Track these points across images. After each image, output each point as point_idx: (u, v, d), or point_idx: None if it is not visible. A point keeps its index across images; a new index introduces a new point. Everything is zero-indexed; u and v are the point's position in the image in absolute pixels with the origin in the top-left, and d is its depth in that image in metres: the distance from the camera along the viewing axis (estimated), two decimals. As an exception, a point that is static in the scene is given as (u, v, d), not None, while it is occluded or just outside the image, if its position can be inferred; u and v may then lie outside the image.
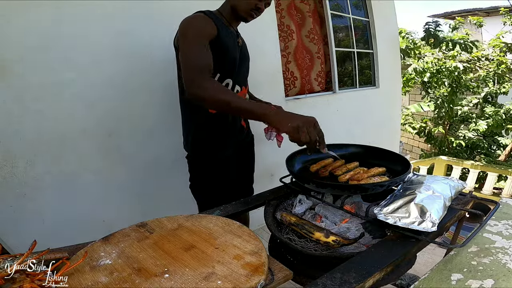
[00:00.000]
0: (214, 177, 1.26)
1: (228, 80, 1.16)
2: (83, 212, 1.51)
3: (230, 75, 1.16)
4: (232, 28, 1.19)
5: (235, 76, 1.18)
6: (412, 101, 7.56)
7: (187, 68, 0.97)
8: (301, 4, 2.63)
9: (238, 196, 1.20)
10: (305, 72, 2.68)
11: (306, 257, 0.85)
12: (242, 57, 1.22)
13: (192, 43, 0.99)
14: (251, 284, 0.58)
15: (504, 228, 0.82)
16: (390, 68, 3.45)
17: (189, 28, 1.02)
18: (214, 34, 1.04)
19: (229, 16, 1.16)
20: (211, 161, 1.25)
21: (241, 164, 1.40)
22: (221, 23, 1.10)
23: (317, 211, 1.04)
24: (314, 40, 2.71)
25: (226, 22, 1.15)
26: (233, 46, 1.15)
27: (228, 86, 1.16)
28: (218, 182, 1.26)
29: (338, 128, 2.87)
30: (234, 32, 1.19)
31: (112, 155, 1.58)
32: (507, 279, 0.63)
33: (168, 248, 0.71)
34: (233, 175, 1.33)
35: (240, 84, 1.23)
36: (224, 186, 1.27)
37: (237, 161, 1.35)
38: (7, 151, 1.32)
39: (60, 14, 1.37)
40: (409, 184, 0.94)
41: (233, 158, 1.31)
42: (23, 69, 1.31)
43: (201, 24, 1.03)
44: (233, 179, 1.33)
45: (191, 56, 0.97)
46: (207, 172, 1.26)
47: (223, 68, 1.12)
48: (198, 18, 1.05)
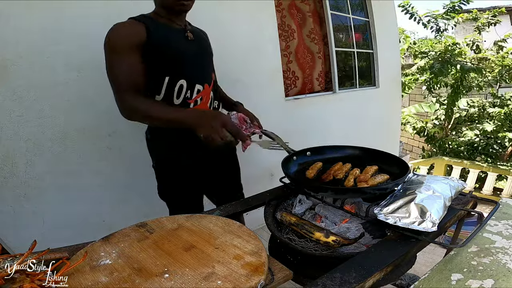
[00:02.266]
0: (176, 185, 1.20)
1: (182, 81, 1.07)
2: (83, 212, 1.51)
3: (182, 75, 1.07)
4: (177, 24, 1.10)
5: (189, 75, 1.08)
6: (412, 101, 7.56)
7: (112, 88, 0.98)
8: (302, 4, 2.63)
9: (221, 203, 1.18)
10: (308, 72, 2.68)
11: (306, 257, 0.85)
12: (197, 52, 1.13)
13: (111, 59, 0.97)
14: (251, 284, 0.58)
15: (504, 228, 0.82)
16: (390, 68, 3.45)
17: (108, 42, 0.97)
18: (142, 38, 0.98)
19: (165, 13, 1.07)
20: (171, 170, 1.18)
21: (217, 171, 1.29)
22: (155, 24, 1.03)
23: (317, 211, 1.04)
24: (315, 40, 2.71)
25: (166, 20, 1.07)
26: (179, 44, 1.07)
27: (183, 88, 1.07)
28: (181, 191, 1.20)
29: (338, 128, 2.87)
30: (181, 27, 1.11)
31: (112, 155, 1.58)
32: (507, 279, 0.63)
33: (168, 248, 0.71)
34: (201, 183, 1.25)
35: (201, 81, 1.12)
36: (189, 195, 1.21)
37: (209, 168, 1.24)
38: (7, 151, 1.32)
39: (60, 14, 1.37)
40: (409, 184, 0.94)
41: (200, 166, 1.20)
42: (23, 69, 1.31)
43: (120, 36, 0.97)
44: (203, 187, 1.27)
45: (111, 74, 0.97)
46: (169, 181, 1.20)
47: (170, 69, 1.05)
48: (118, 28, 0.98)
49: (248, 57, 2.17)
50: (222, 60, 2.02)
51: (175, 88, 1.07)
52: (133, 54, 0.97)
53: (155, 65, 1.02)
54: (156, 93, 1.06)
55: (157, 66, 1.02)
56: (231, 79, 2.08)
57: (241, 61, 2.13)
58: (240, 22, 2.11)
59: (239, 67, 2.13)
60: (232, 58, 2.08)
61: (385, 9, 3.27)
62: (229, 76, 2.07)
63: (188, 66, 1.09)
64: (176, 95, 1.08)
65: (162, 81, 1.04)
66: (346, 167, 1.08)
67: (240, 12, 2.10)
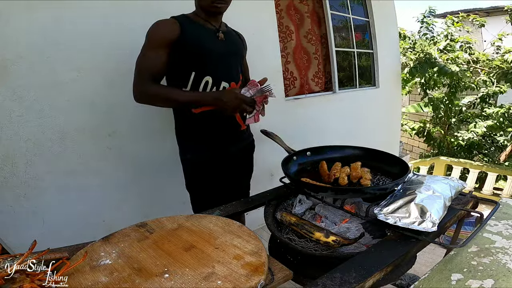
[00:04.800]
0: (201, 179, 1.28)
1: (207, 78, 1.16)
2: (83, 212, 1.51)
3: (208, 72, 1.16)
4: (211, 24, 1.20)
5: (214, 73, 1.17)
6: (412, 101, 7.56)
7: (134, 74, 1.11)
8: (300, 5, 2.63)
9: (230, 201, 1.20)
10: (303, 72, 2.68)
11: (306, 257, 0.85)
12: (226, 52, 1.21)
13: (143, 51, 1.11)
14: (251, 284, 0.58)
15: (504, 228, 0.82)
16: (390, 68, 3.45)
17: (147, 36, 1.11)
18: (174, 36, 1.09)
19: (203, 14, 1.18)
20: (198, 164, 1.26)
21: (235, 169, 1.37)
22: (190, 23, 1.14)
23: (317, 211, 1.04)
24: (312, 41, 2.71)
25: (202, 20, 1.18)
26: (208, 42, 1.16)
27: (208, 84, 1.16)
28: (206, 185, 1.28)
29: (338, 128, 2.87)
30: (214, 28, 1.20)
31: (112, 155, 1.58)
32: (507, 279, 0.63)
33: (168, 248, 0.71)
34: (224, 178, 1.32)
35: (227, 79, 1.21)
36: (212, 189, 1.28)
37: (231, 165, 1.32)
38: (7, 151, 1.32)
39: (60, 14, 1.37)
40: (409, 184, 0.94)
41: (224, 161, 1.29)
42: (23, 69, 1.31)
43: (157, 31, 1.10)
44: (224, 182, 1.32)
45: (138, 63, 1.11)
46: (195, 174, 1.28)
47: (196, 65, 1.14)
48: (156, 25, 1.11)
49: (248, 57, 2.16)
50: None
51: (201, 84, 1.16)
52: (163, 49, 1.09)
53: (184, 60, 1.13)
54: (183, 87, 1.16)
55: (185, 62, 1.13)
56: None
57: (241, 61, 2.13)
58: (240, 22, 2.10)
59: (239, 67, 2.12)
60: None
61: (385, 9, 3.27)
62: (229, 76, 2.06)
63: (214, 64, 1.17)
64: (202, 90, 1.16)
65: (189, 76, 1.14)
66: (337, 166, 1.08)
67: (240, 12, 2.09)
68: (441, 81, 5.15)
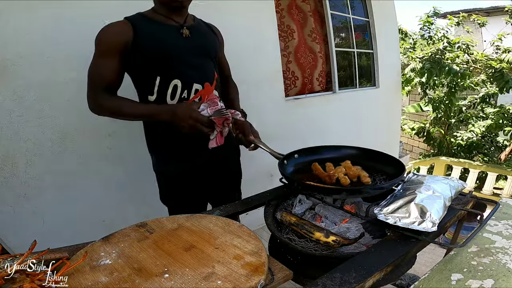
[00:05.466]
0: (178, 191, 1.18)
1: (176, 81, 1.03)
2: (83, 212, 1.51)
3: (175, 75, 1.03)
4: (174, 21, 1.05)
5: (182, 75, 1.04)
6: (412, 101, 7.56)
7: (87, 85, 1.03)
8: (303, 4, 2.63)
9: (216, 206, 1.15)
10: (308, 72, 2.68)
11: (306, 257, 0.85)
12: (193, 49, 1.07)
13: (93, 59, 1.01)
14: (251, 284, 0.58)
15: (504, 228, 0.82)
16: (390, 68, 3.45)
17: (95, 42, 1.00)
18: (126, 39, 0.97)
19: (163, 10, 1.04)
20: (172, 177, 1.16)
21: (216, 178, 1.24)
22: (146, 22, 1.02)
23: (317, 211, 1.04)
24: (316, 40, 2.71)
25: (162, 17, 1.04)
26: (170, 41, 1.03)
27: (178, 88, 1.03)
28: (182, 197, 1.18)
29: (338, 128, 2.87)
30: (177, 25, 1.06)
31: (112, 155, 1.58)
32: (507, 279, 0.63)
33: (168, 248, 0.71)
34: (203, 189, 1.22)
35: (199, 81, 1.06)
36: (191, 201, 1.18)
37: (209, 175, 1.20)
38: (7, 151, 1.32)
39: (60, 14, 1.37)
40: (409, 184, 0.94)
41: (201, 172, 1.17)
42: (23, 69, 1.31)
43: (105, 36, 0.99)
44: (205, 193, 1.24)
45: (88, 72, 1.02)
46: (170, 188, 1.19)
47: (159, 69, 1.01)
48: (105, 29, 1.00)
49: (248, 56, 2.17)
50: (222, 60, 2.02)
51: (169, 89, 1.03)
52: (114, 55, 0.98)
53: (145, 64, 1.01)
54: (149, 94, 1.04)
55: (147, 66, 1.01)
56: (231, 79, 2.07)
57: (241, 60, 2.13)
58: (240, 22, 2.11)
59: (239, 67, 2.12)
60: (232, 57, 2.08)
61: (385, 9, 3.27)
62: (229, 76, 2.06)
63: (181, 65, 1.04)
64: (170, 95, 1.04)
65: (153, 81, 1.02)
66: (331, 166, 1.05)
67: (240, 12, 2.10)
68: (441, 81, 5.15)
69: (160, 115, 0.99)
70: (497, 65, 4.48)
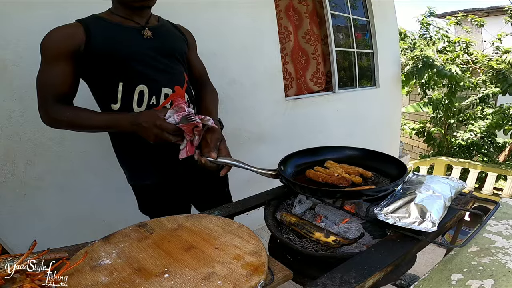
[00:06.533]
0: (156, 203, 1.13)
1: (141, 87, 0.95)
2: (83, 212, 1.51)
3: (140, 80, 0.95)
4: (134, 22, 0.97)
5: (148, 79, 0.95)
6: (412, 101, 7.56)
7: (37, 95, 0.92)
8: (299, 5, 2.63)
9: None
10: (301, 73, 2.68)
11: (306, 257, 0.85)
12: (157, 51, 0.98)
13: (41, 67, 0.92)
14: (251, 284, 0.58)
15: (504, 228, 0.82)
16: (390, 68, 3.45)
17: (40, 47, 0.91)
18: (77, 43, 0.89)
19: (122, 10, 0.97)
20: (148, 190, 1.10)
21: (198, 186, 1.18)
22: (102, 24, 0.93)
23: (317, 211, 1.04)
24: (310, 41, 2.72)
25: (121, 18, 0.96)
26: (129, 44, 0.94)
27: (145, 94, 0.95)
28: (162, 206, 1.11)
29: (338, 128, 2.88)
30: (138, 26, 0.97)
31: (112, 155, 1.58)
32: (507, 279, 0.63)
33: (168, 248, 0.71)
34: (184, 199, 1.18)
35: (167, 85, 0.99)
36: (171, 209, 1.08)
37: (189, 184, 1.15)
38: (7, 151, 1.32)
39: (60, 14, 1.36)
40: (409, 184, 0.94)
41: (180, 182, 1.12)
42: (23, 69, 1.31)
43: (52, 40, 0.90)
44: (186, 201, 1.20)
45: (37, 81, 0.92)
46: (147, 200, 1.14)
47: (121, 74, 0.93)
48: (51, 33, 0.91)
49: (248, 57, 2.17)
50: (222, 60, 2.02)
51: (135, 95, 0.95)
52: (63, 61, 0.89)
53: (102, 70, 0.93)
54: (112, 102, 0.96)
55: (105, 72, 0.93)
56: (231, 79, 2.08)
57: (241, 61, 2.13)
58: (240, 22, 2.11)
59: (239, 67, 2.13)
60: (232, 58, 2.08)
61: (385, 9, 3.27)
62: (228, 76, 2.07)
63: (145, 68, 0.95)
64: (137, 103, 0.96)
65: (115, 88, 0.94)
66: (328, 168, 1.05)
67: (241, 12, 2.10)
68: (440, 81, 5.16)
69: (120, 125, 0.90)
70: (497, 65, 4.48)
